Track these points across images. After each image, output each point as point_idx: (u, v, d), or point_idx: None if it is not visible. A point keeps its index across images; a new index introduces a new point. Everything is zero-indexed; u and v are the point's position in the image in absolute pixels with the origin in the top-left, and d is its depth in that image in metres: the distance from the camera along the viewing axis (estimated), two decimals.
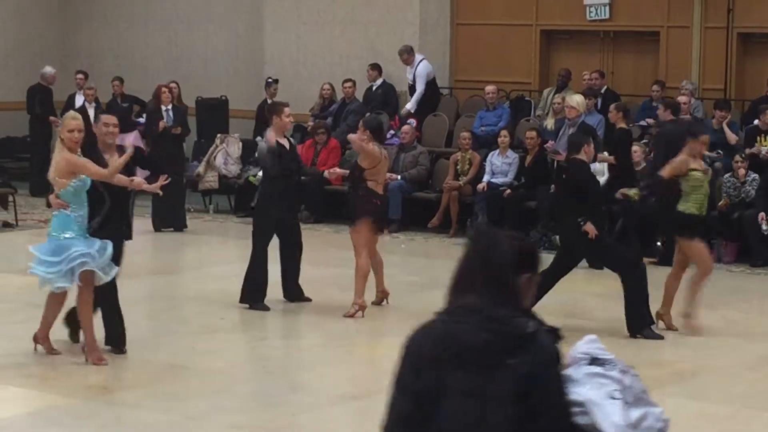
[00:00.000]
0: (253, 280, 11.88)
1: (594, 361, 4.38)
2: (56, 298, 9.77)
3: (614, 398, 4.30)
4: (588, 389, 4.28)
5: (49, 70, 20.30)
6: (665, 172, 11.28)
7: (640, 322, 10.93)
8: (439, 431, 3.90)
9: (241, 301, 11.87)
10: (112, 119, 10.18)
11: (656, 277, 11.45)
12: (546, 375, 3.90)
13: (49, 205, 10.74)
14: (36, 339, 9.93)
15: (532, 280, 3.96)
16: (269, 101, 19.17)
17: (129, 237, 10.22)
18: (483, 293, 3.92)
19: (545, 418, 3.88)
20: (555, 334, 3.96)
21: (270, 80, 19.25)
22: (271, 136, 11.82)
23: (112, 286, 9.91)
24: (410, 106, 18.29)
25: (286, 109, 12.04)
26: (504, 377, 3.85)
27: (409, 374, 3.98)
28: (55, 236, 9.55)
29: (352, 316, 11.53)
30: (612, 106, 15.55)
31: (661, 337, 10.91)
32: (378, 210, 11.87)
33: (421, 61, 18.45)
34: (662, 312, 11.30)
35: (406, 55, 18.49)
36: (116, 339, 10.04)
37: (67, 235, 9.52)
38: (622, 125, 15.01)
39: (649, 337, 10.85)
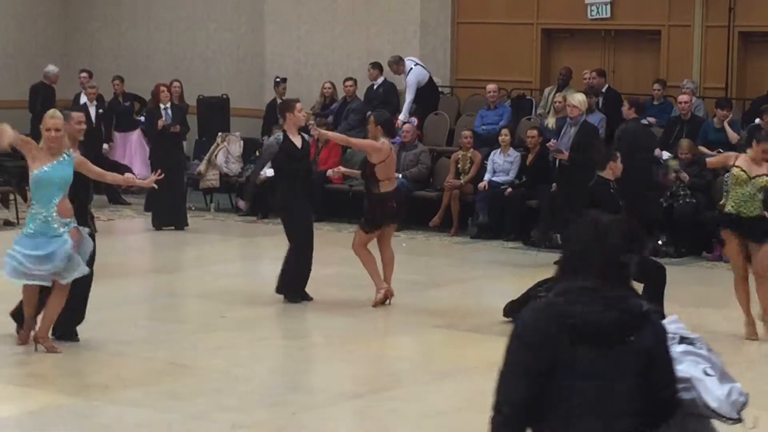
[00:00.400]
0: (295, 275, 12.00)
1: (683, 340, 4.62)
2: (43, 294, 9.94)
3: (708, 374, 4.56)
4: (686, 366, 4.52)
5: (51, 68, 20.32)
6: (711, 160, 11.30)
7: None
8: (557, 407, 4.11)
9: (279, 291, 12.04)
10: (81, 116, 10.38)
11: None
12: (663, 351, 4.17)
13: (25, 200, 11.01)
14: (36, 339, 9.94)
15: (635, 261, 4.19)
16: (279, 100, 19.23)
17: (94, 230, 10.33)
18: (599, 275, 4.14)
19: (667, 391, 4.17)
20: (658, 313, 4.25)
21: (278, 79, 19.32)
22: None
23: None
24: (402, 117, 18.25)
25: (298, 105, 12.10)
26: (626, 353, 4.09)
27: (524, 355, 4.18)
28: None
29: (380, 303, 11.77)
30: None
31: None
32: (396, 213, 11.94)
33: (411, 69, 18.39)
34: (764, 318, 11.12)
35: (395, 65, 18.47)
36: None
37: (27, 231, 9.77)
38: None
39: None
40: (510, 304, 11.37)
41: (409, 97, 18.33)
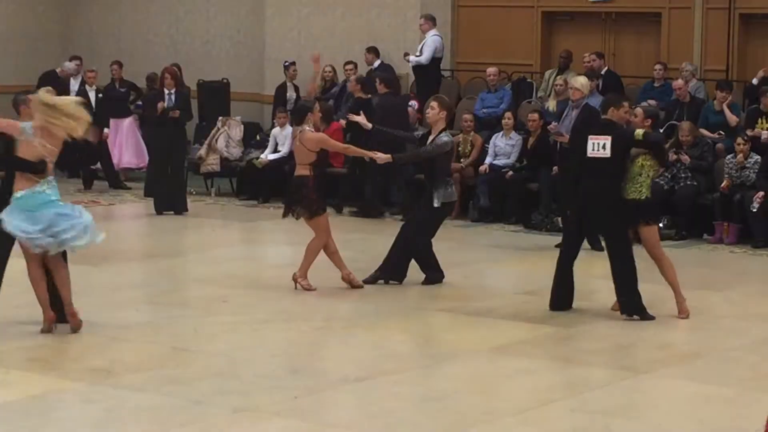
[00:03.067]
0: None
1: None
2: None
3: None
4: None
5: (68, 65, 20.25)
6: None
7: (634, 302, 10.87)
8: None
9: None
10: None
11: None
12: None
13: None
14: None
15: None
16: (288, 83, 19.22)
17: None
18: None
19: None
20: None
21: (287, 63, 19.26)
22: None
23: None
24: (413, 59, 18.27)
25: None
26: None
27: None
28: None
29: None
30: (353, 78, 17.60)
31: (652, 318, 10.86)
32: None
33: (434, 35, 18.39)
34: None
35: (423, 20, 18.46)
36: None
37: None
38: (360, 95, 17.01)
39: (646, 318, 10.83)
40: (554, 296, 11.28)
41: (425, 53, 18.25)
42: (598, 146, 10.85)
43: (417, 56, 18.28)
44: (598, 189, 10.90)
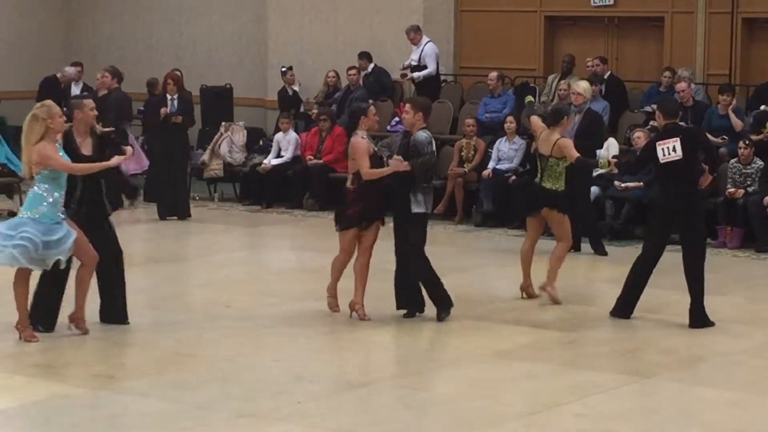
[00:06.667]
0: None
1: None
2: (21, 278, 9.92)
3: None
4: None
5: (69, 69, 20.24)
6: None
7: (702, 314, 10.90)
8: None
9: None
10: (92, 103, 10.48)
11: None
12: None
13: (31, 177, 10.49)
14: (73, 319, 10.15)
15: None
16: (288, 89, 19.26)
17: (115, 207, 10.64)
18: None
19: None
20: None
21: (284, 68, 19.29)
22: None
23: (118, 265, 10.49)
24: (416, 75, 18.30)
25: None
26: None
27: None
28: (22, 213, 9.81)
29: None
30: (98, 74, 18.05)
31: (712, 324, 10.84)
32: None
33: (428, 42, 18.43)
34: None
35: (413, 33, 18.49)
36: (116, 314, 10.53)
37: (27, 215, 9.71)
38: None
39: (707, 325, 10.85)
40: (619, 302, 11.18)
41: (431, 66, 18.32)
42: (668, 150, 10.85)
43: (415, 64, 18.30)
44: (678, 193, 10.87)
